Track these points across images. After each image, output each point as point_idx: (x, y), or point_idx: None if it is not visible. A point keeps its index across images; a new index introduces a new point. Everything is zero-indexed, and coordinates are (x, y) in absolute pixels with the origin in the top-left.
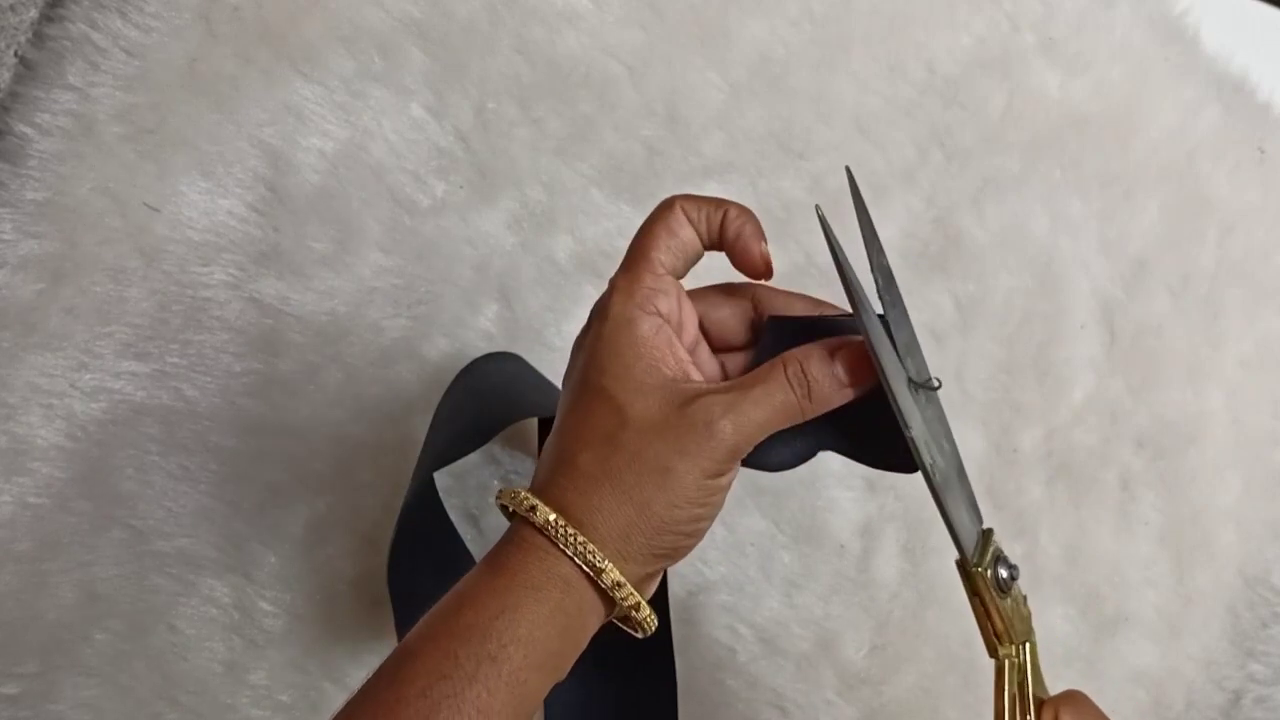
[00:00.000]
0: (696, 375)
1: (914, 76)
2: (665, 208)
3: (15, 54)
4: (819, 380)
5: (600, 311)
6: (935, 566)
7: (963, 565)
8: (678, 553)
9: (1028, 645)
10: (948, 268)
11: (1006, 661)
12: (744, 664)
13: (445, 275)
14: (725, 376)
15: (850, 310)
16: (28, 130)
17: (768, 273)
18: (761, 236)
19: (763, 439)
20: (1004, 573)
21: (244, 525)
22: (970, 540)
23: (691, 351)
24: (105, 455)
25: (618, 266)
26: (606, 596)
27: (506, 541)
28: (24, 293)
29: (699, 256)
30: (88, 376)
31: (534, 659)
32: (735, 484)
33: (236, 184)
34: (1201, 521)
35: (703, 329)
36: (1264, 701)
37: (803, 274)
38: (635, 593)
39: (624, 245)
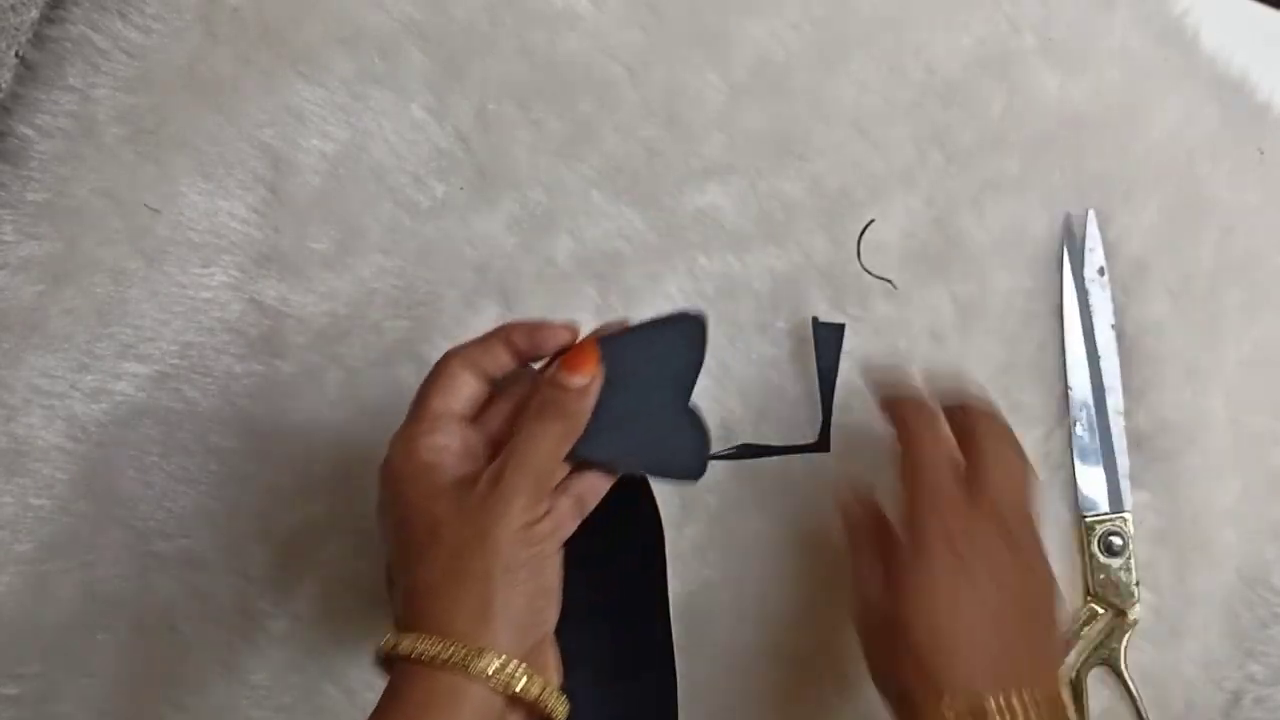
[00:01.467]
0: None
1: (913, 78)
2: (443, 362)
3: (16, 55)
4: (555, 396)
5: (384, 465)
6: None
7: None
8: (539, 622)
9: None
10: (947, 268)
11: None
12: (744, 664)
13: (446, 276)
14: None
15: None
16: (28, 131)
17: (574, 337)
18: (542, 326)
19: (552, 461)
20: (1116, 540)
21: (245, 526)
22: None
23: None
24: (106, 456)
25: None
26: (497, 689)
27: (390, 683)
28: (24, 294)
29: (484, 393)
30: (88, 378)
31: None
32: (735, 486)
33: (237, 185)
34: (1201, 522)
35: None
36: (1263, 702)
37: (802, 274)
38: (518, 670)
39: (624, 246)
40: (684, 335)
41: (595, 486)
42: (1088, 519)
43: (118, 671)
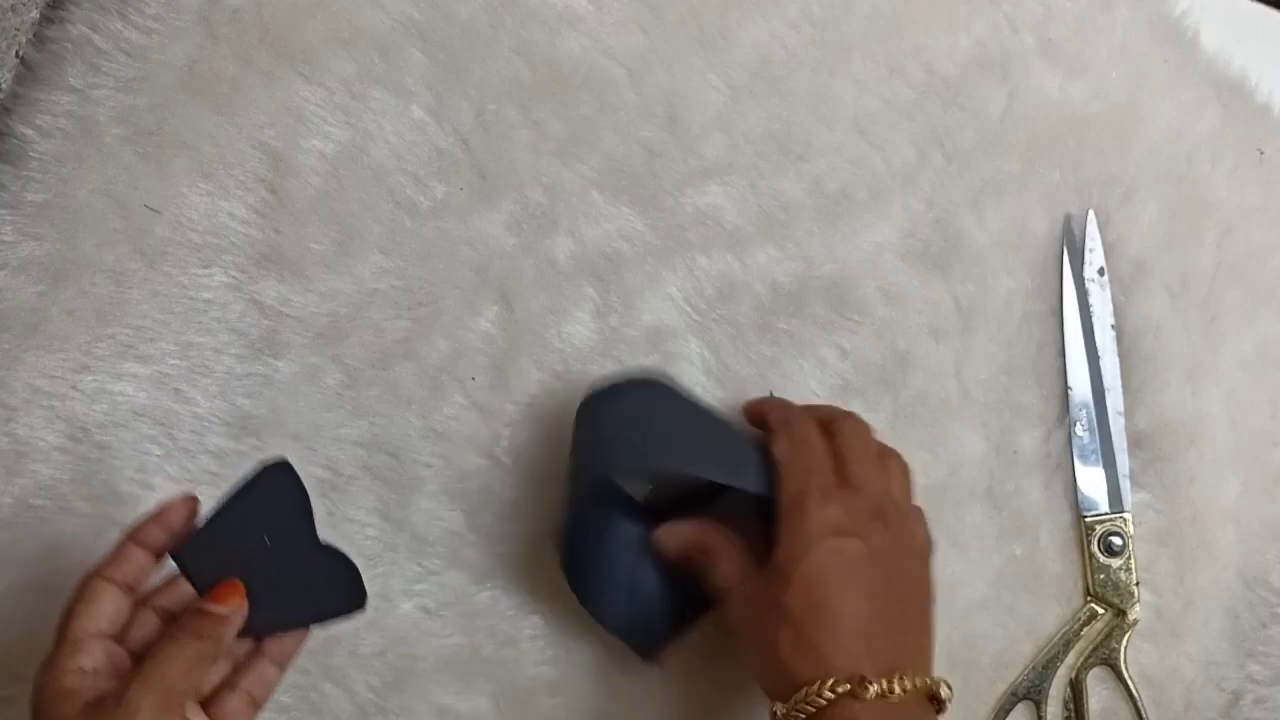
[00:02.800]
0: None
1: (913, 78)
2: (83, 582)
3: (16, 55)
4: (194, 623)
5: (32, 694)
6: (935, 567)
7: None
8: None
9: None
10: (948, 269)
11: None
12: (744, 665)
13: (445, 277)
14: None
15: None
16: (28, 132)
17: (191, 509)
18: (163, 509)
19: (185, 680)
20: (1116, 540)
21: None
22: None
23: None
24: (106, 457)
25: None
26: None
27: None
28: (24, 294)
29: (128, 606)
30: (88, 378)
31: None
32: None
33: (237, 186)
34: (1201, 522)
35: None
36: (1263, 702)
37: (802, 283)
38: None
39: (624, 247)
40: (272, 486)
41: (265, 678)
42: (1088, 519)
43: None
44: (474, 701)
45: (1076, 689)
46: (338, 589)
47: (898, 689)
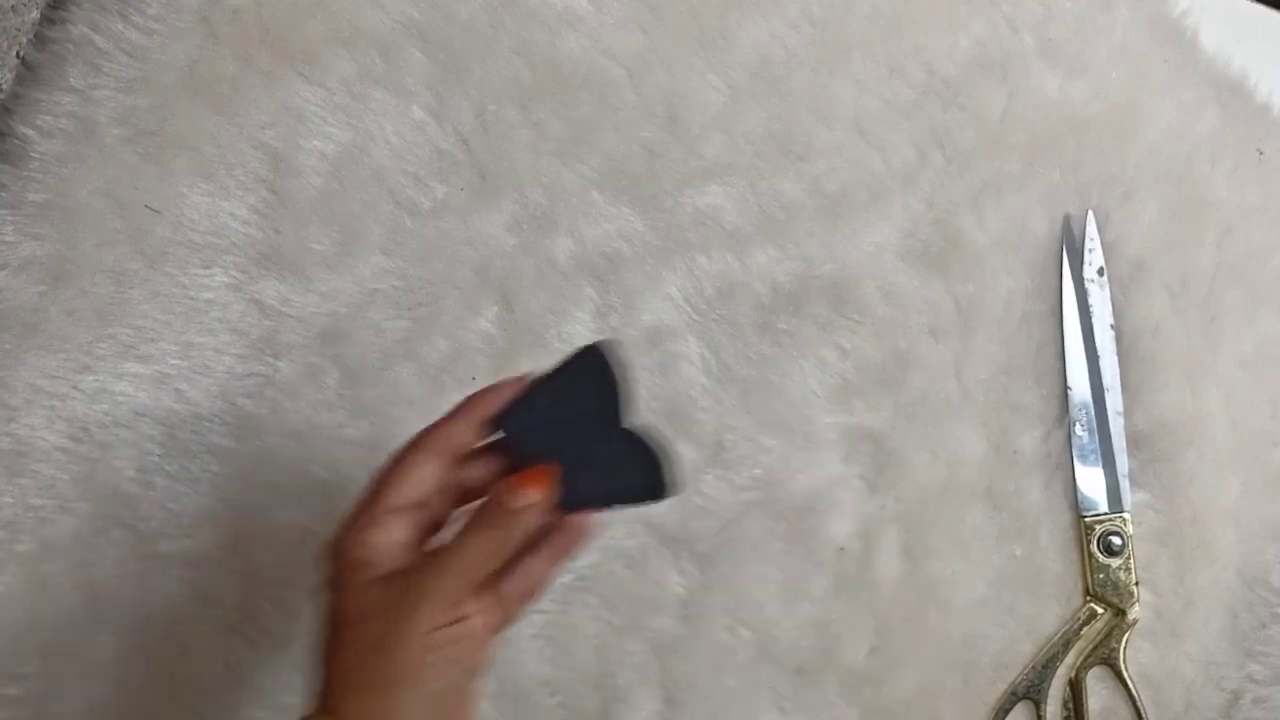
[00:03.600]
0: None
1: (913, 79)
2: (405, 450)
3: (17, 55)
4: (496, 515)
5: (325, 548)
6: (935, 567)
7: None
8: (449, 716)
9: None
10: (948, 269)
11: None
12: (744, 664)
13: (446, 277)
14: None
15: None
16: (29, 132)
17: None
18: (498, 386)
19: (481, 570)
20: (1115, 540)
21: (245, 526)
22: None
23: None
24: (107, 457)
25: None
26: None
27: None
28: (25, 295)
29: (448, 474)
30: (89, 378)
31: None
32: (734, 489)
33: (238, 186)
34: (1201, 522)
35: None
36: (1263, 702)
37: (803, 283)
38: None
39: (624, 247)
40: (588, 369)
41: (542, 575)
42: (1087, 519)
43: (118, 671)
44: None
45: (1076, 689)
46: (641, 474)
47: None
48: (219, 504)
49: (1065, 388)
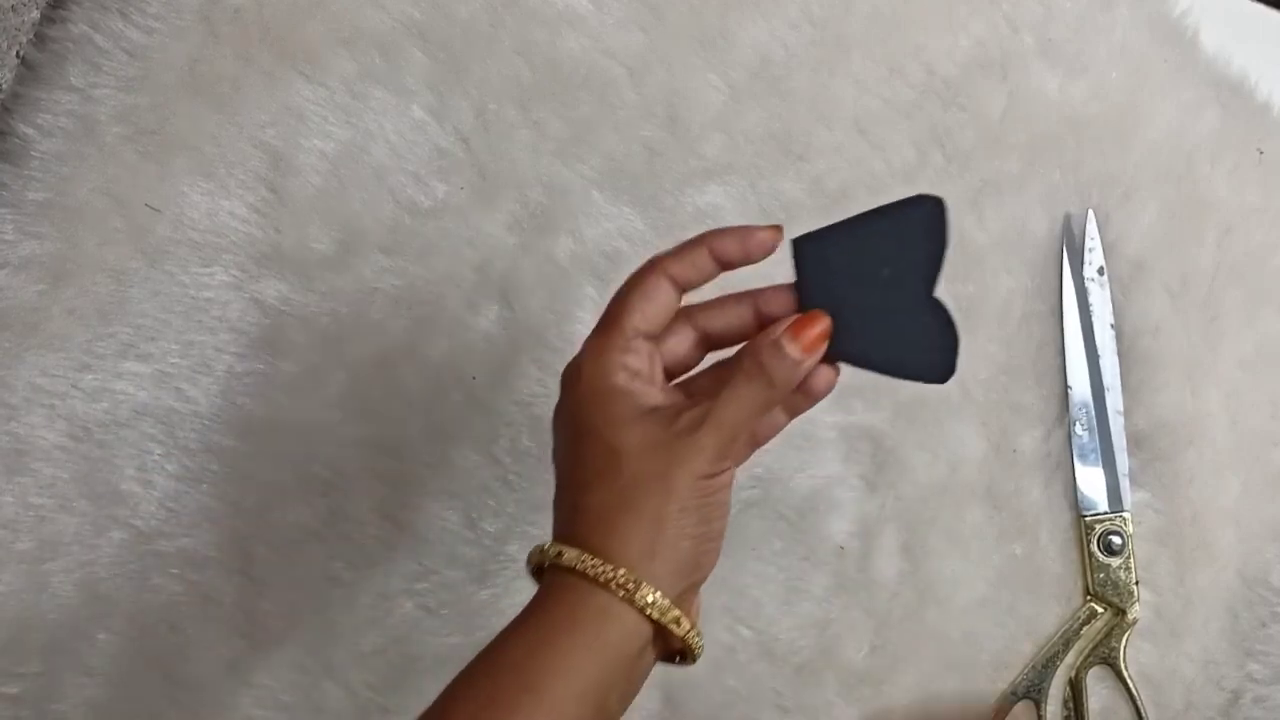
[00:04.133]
0: (671, 402)
1: (913, 78)
2: (646, 272)
3: (17, 55)
4: (772, 365)
5: (573, 374)
6: (935, 566)
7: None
8: (700, 566)
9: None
10: (948, 268)
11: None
12: (744, 664)
13: (446, 276)
14: None
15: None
16: (29, 131)
17: (774, 243)
18: (752, 230)
19: (749, 424)
20: (1115, 539)
21: (245, 525)
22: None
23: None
24: (107, 455)
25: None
26: (648, 620)
27: (543, 588)
28: (26, 293)
29: (674, 310)
30: (89, 377)
31: (574, 689)
32: (733, 488)
33: (238, 185)
34: (1201, 522)
35: (711, 342)
36: (1263, 701)
37: None
38: (674, 608)
39: (624, 246)
40: (919, 221)
41: (776, 425)
42: (1087, 518)
43: (118, 670)
44: None
45: (1076, 688)
46: (935, 350)
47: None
48: (219, 503)
49: (1065, 387)
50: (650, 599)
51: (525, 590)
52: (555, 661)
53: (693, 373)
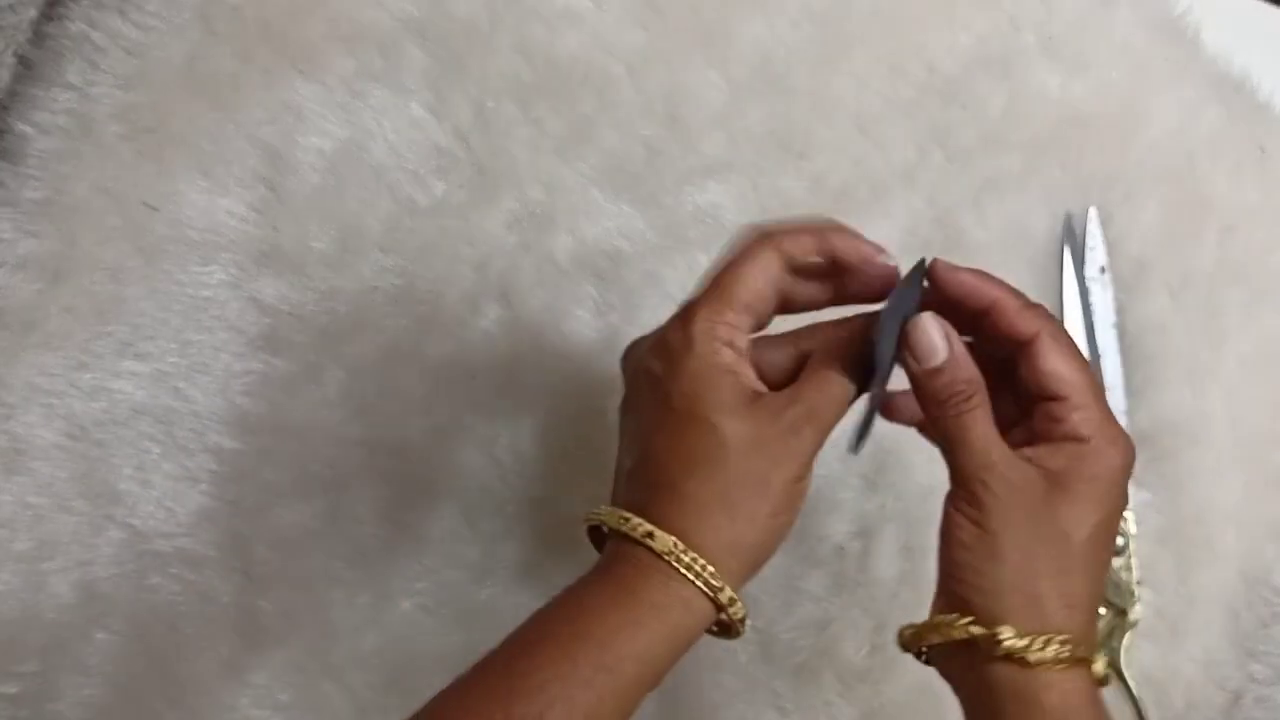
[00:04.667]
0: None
1: (914, 76)
2: (762, 246)
3: (14, 53)
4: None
5: (681, 344)
6: (935, 566)
7: None
8: (765, 559)
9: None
10: None
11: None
12: (743, 664)
13: (445, 275)
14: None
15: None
16: (26, 129)
17: (884, 269)
18: (872, 246)
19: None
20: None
21: (244, 525)
22: None
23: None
24: (105, 455)
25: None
26: (717, 611)
27: (621, 560)
28: (23, 292)
29: (780, 288)
30: (87, 376)
31: (645, 676)
32: None
33: (236, 183)
34: (1201, 521)
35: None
36: (1264, 702)
37: None
38: (744, 604)
39: (624, 245)
40: (914, 279)
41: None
42: None
43: (117, 671)
44: None
45: None
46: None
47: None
48: (217, 503)
49: None
50: (730, 597)
51: (525, 590)
52: (634, 646)
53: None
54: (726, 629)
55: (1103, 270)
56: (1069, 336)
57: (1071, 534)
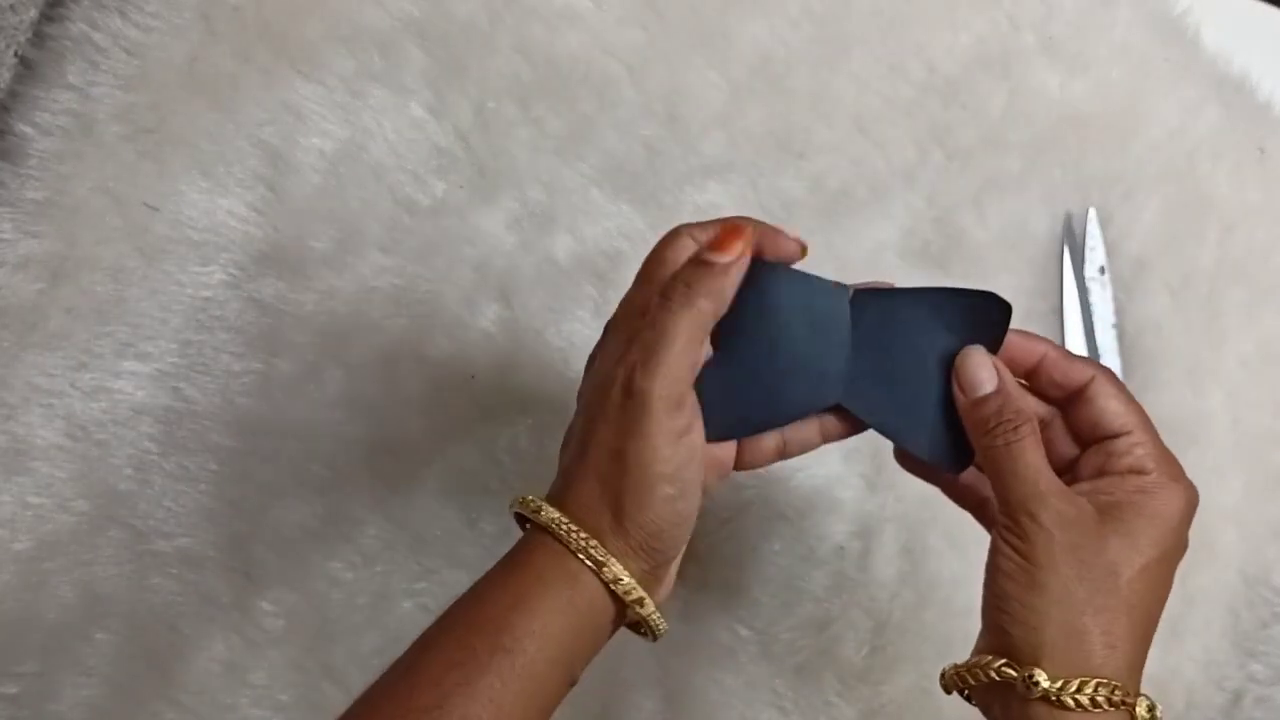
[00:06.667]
0: None
1: (914, 76)
2: (676, 236)
3: (15, 54)
4: (696, 269)
5: (639, 407)
6: (935, 567)
7: None
8: (674, 538)
9: None
10: (948, 267)
11: None
12: (743, 664)
13: (445, 275)
14: None
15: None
16: (27, 129)
17: (802, 252)
18: (779, 233)
19: (692, 375)
20: None
21: (244, 525)
22: None
23: None
24: (105, 455)
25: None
26: (613, 594)
27: (521, 542)
28: (24, 292)
29: None
30: (87, 376)
31: (547, 652)
32: (734, 488)
33: (236, 183)
34: (1201, 521)
35: None
36: (1264, 702)
37: None
38: (637, 586)
39: (624, 245)
40: (984, 316)
41: (806, 440)
42: None
43: (116, 671)
44: None
45: None
46: (943, 432)
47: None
48: (217, 502)
49: None
50: (617, 577)
51: None
52: (529, 623)
53: None
54: (638, 626)
55: (1102, 270)
56: (1122, 383)
57: (1120, 570)
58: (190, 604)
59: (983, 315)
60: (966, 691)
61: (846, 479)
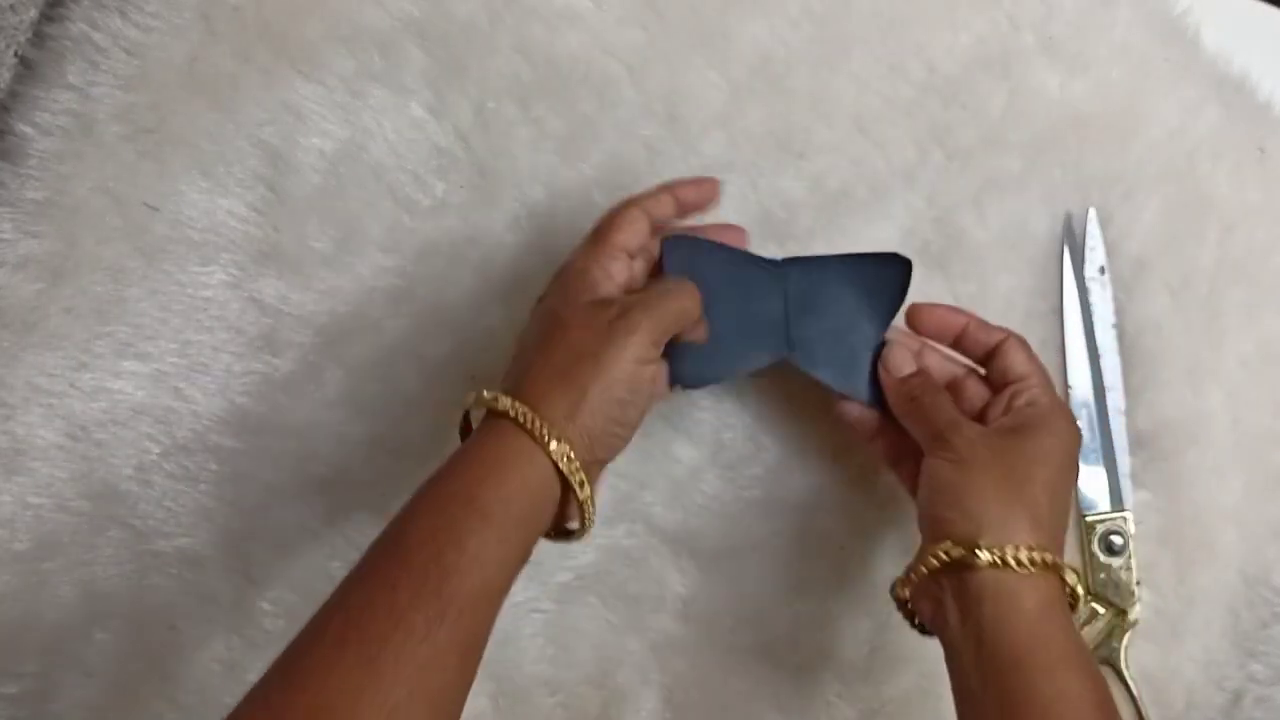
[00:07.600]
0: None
1: (914, 76)
2: (621, 212)
3: (15, 54)
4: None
5: (562, 271)
6: None
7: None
8: (607, 446)
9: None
10: (948, 267)
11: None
12: (744, 665)
13: (446, 275)
14: None
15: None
16: (27, 129)
17: (715, 193)
18: (706, 181)
19: (670, 335)
20: (1116, 539)
21: (244, 525)
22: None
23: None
24: (105, 455)
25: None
26: (558, 475)
27: (479, 431)
28: (24, 292)
29: (649, 237)
30: (87, 376)
31: (513, 516)
32: (734, 488)
33: (236, 183)
34: (1201, 521)
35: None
36: (1264, 702)
37: None
38: (581, 470)
39: None
40: (882, 270)
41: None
42: (1088, 518)
43: (116, 671)
44: (472, 700)
45: None
46: (872, 381)
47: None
48: (217, 503)
49: (1066, 386)
50: (560, 449)
51: (525, 590)
52: (497, 491)
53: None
54: (570, 529)
55: (1102, 270)
56: (1028, 344)
57: (1035, 469)
58: (190, 604)
59: (890, 272)
60: (917, 619)
61: (847, 479)
